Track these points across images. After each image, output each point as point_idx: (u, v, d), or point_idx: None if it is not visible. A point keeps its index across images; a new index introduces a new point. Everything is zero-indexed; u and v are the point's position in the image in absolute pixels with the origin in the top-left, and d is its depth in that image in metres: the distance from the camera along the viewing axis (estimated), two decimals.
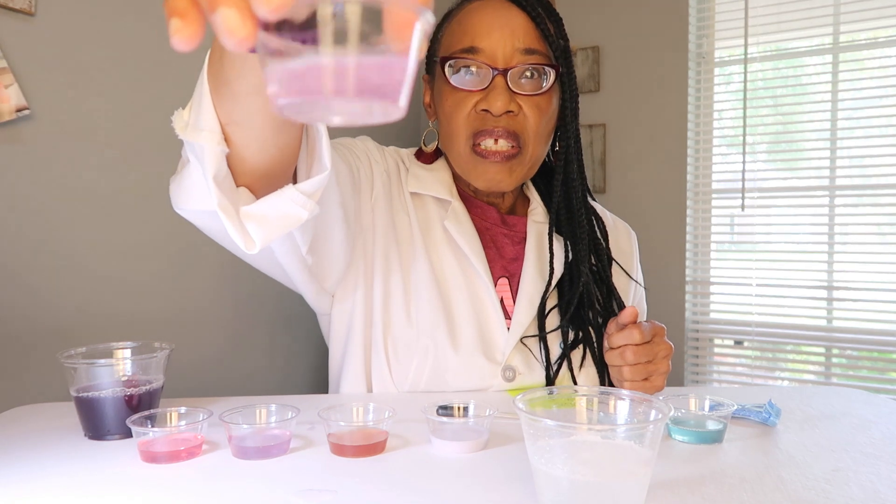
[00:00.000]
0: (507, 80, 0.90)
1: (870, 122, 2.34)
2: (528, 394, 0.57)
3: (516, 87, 0.91)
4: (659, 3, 2.52)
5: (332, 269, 0.90)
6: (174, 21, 0.30)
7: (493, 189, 0.96)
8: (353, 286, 0.95)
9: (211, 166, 0.62)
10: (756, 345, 2.54)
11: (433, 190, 0.99)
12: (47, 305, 1.53)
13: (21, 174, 1.48)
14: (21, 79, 1.45)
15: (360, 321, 0.95)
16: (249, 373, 2.09)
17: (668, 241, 2.56)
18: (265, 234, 0.66)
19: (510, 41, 0.90)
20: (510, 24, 0.90)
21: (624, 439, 0.52)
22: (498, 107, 0.89)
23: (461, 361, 0.91)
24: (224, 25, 0.29)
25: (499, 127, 0.90)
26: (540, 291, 0.96)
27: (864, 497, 0.56)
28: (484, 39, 0.90)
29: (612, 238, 1.07)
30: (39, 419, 0.79)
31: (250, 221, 0.66)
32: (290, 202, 0.66)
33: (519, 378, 0.92)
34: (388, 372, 0.92)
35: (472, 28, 0.91)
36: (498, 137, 0.91)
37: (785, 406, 0.83)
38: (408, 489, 0.58)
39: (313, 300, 0.96)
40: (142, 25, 1.70)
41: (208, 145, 0.61)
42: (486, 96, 0.90)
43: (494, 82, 0.90)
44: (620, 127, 2.62)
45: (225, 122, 0.62)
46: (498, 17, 0.91)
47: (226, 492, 0.58)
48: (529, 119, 0.91)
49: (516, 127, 0.91)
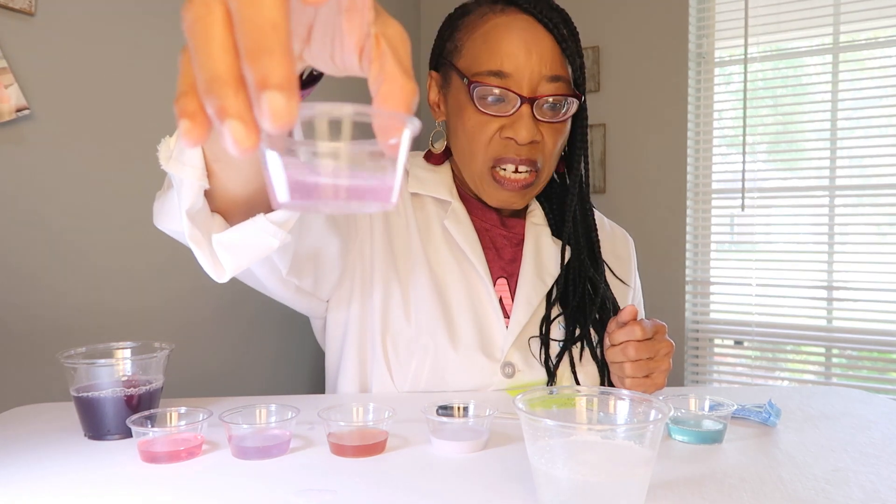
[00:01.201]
0: (533, 110, 0.90)
1: (870, 122, 2.34)
2: (528, 394, 0.57)
3: (540, 115, 0.91)
4: (659, 3, 2.52)
5: (325, 282, 0.91)
6: (184, 122, 0.32)
7: (504, 207, 0.99)
8: (349, 291, 0.95)
9: (187, 200, 0.63)
10: (756, 345, 2.54)
11: (433, 191, 1.00)
12: (47, 305, 1.53)
13: (21, 174, 1.48)
14: (21, 79, 1.45)
15: (356, 323, 0.95)
16: (249, 373, 2.09)
17: (668, 241, 2.56)
18: (236, 262, 0.67)
19: (538, 67, 0.89)
20: (538, 48, 0.89)
21: (624, 439, 0.52)
22: (523, 136, 0.89)
23: (460, 359, 0.91)
24: (231, 136, 0.31)
25: (522, 156, 0.91)
26: (538, 291, 0.97)
27: (864, 497, 0.56)
28: (511, 63, 0.89)
29: (609, 244, 1.09)
30: (39, 419, 0.79)
31: (221, 249, 0.67)
32: (261, 231, 0.66)
33: (518, 375, 0.93)
34: (387, 371, 0.92)
35: (499, 49, 0.90)
36: (518, 165, 0.92)
37: (785, 406, 0.83)
38: (408, 489, 0.58)
39: (305, 309, 0.96)
40: (142, 25, 1.70)
41: (188, 180, 0.62)
42: (513, 125, 0.90)
43: (521, 111, 0.89)
44: (620, 127, 2.62)
45: (211, 159, 0.62)
46: (525, 39, 0.89)
47: (226, 492, 0.58)
48: (548, 145, 0.93)
49: (536, 155, 0.92)
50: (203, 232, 0.66)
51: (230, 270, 0.68)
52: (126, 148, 1.69)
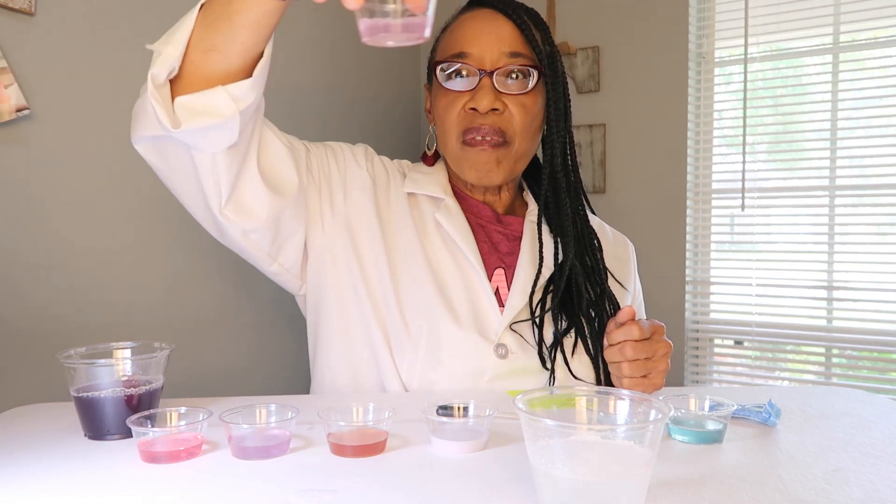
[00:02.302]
0: (493, 81, 0.97)
1: (870, 122, 2.34)
2: (528, 394, 0.57)
3: (502, 87, 0.97)
4: (659, 3, 2.52)
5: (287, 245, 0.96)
6: None
7: (484, 181, 1.00)
8: (334, 278, 0.99)
9: (161, 71, 0.76)
10: (756, 345, 2.54)
11: (428, 189, 1.04)
12: (47, 305, 1.53)
13: (21, 174, 1.48)
14: (21, 79, 1.45)
15: (340, 310, 0.99)
16: (249, 373, 2.09)
17: (668, 241, 2.56)
18: (189, 117, 0.77)
19: (496, 45, 0.97)
20: (497, 31, 0.98)
21: (624, 439, 0.52)
22: (484, 105, 0.96)
23: (455, 339, 0.94)
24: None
25: (486, 124, 0.97)
26: (534, 279, 0.99)
27: (864, 497, 0.56)
28: (473, 45, 0.98)
29: (611, 247, 1.11)
30: (39, 419, 0.79)
31: (180, 108, 0.77)
32: (218, 97, 0.77)
33: (511, 357, 0.94)
34: (389, 356, 0.94)
35: (462, 36, 0.99)
36: (485, 134, 0.97)
37: (785, 406, 0.83)
38: (408, 489, 0.58)
39: (284, 281, 1.02)
40: (142, 25, 1.70)
41: (165, 53, 0.75)
42: (474, 96, 0.97)
43: (481, 83, 0.97)
44: (620, 127, 2.62)
45: (205, 48, 0.75)
46: (486, 24, 0.99)
47: (226, 492, 0.58)
48: (515, 116, 0.98)
49: (502, 124, 0.97)
50: (163, 94, 0.77)
51: (184, 122, 0.76)
52: (126, 148, 1.69)
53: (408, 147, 2.81)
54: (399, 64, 2.78)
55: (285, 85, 2.17)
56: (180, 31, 0.76)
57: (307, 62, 2.27)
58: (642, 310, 1.16)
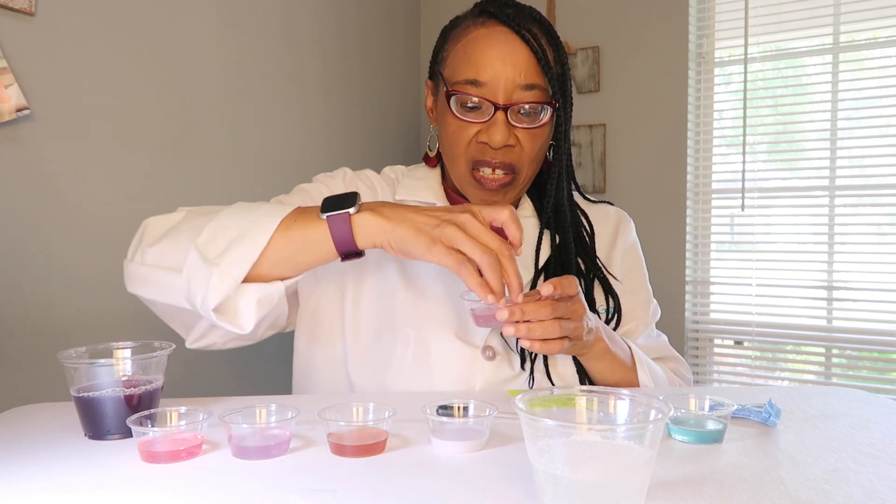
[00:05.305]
0: (507, 116, 0.94)
1: (870, 122, 2.34)
2: (528, 394, 0.57)
3: (515, 121, 0.95)
4: (659, 3, 2.52)
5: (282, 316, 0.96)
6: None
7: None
8: (313, 285, 1.00)
9: (215, 300, 0.77)
10: (756, 345, 2.54)
11: (420, 196, 1.04)
12: (47, 305, 1.53)
13: (21, 174, 1.48)
14: (21, 79, 1.45)
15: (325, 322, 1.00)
16: (249, 373, 2.09)
17: (668, 241, 2.56)
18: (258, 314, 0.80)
19: (512, 76, 0.93)
20: (513, 59, 0.93)
21: (624, 439, 0.52)
22: (497, 140, 0.93)
23: (442, 345, 0.94)
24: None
25: (496, 159, 0.95)
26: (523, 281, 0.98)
27: (864, 497, 0.56)
28: (487, 72, 0.93)
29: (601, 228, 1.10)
30: (39, 419, 0.79)
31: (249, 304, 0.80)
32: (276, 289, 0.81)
33: (499, 358, 0.95)
34: (379, 365, 0.95)
35: (476, 59, 0.94)
36: (495, 168, 0.96)
37: (785, 406, 0.83)
38: (408, 489, 0.58)
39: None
40: (142, 25, 1.70)
41: (225, 285, 0.77)
42: (488, 130, 0.94)
43: (495, 117, 0.94)
44: (620, 127, 2.62)
45: (256, 272, 0.79)
46: (501, 50, 0.93)
47: (226, 492, 0.58)
48: (525, 149, 0.96)
49: (512, 158, 0.96)
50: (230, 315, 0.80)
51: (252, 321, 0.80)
52: (126, 148, 1.69)
53: (408, 147, 2.81)
54: (399, 64, 2.78)
55: (287, 86, 2.17)
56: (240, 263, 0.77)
57: (308, 62, 2.27)
58: (649, 295, 1.15)
